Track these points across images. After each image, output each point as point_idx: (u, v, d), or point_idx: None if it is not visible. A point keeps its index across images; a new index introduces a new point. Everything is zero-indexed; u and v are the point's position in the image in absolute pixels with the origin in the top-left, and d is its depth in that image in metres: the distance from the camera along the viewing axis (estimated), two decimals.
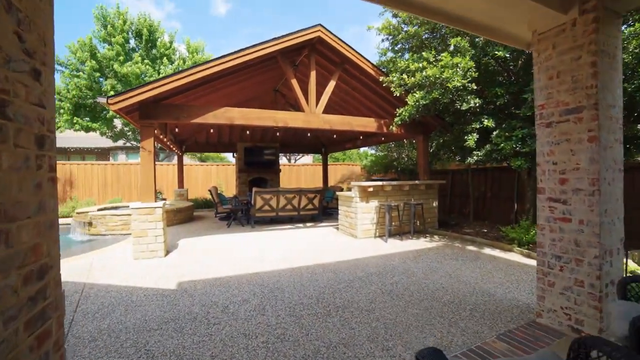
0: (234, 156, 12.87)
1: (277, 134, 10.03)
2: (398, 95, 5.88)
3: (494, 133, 5.04)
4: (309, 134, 10.12)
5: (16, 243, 1.02)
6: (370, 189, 6.45)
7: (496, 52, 4.60)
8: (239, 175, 11.90)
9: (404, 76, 5.39)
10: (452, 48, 5.24)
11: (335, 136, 10.03)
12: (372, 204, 6.62)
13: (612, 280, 2.43)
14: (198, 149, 12.09)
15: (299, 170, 16.23)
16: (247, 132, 9.70)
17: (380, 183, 6.59)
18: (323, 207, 9.20)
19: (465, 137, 5.46)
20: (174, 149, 10.35)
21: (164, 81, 4.95)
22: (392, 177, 11.59)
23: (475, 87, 4.89)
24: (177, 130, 6.97)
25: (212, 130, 7.30)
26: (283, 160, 25.84)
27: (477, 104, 5.07)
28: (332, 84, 6.47)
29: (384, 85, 6.22)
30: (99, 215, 7.07)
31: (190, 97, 6.33)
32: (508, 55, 4.72)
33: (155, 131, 6.07)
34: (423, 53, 5.51)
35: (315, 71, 6.35)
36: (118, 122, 12.85)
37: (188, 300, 3.40)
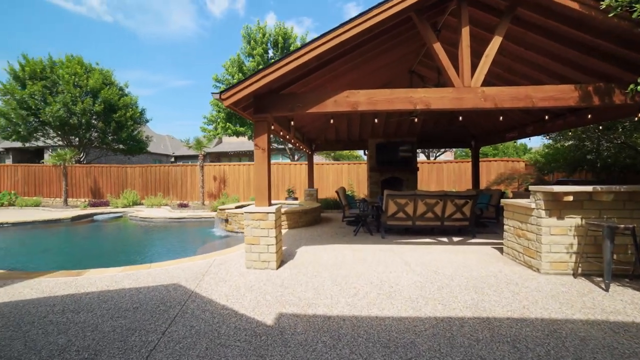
0: (365, 154, 11.92)
1: (415, 119, 8.19)
2: None
3: None
4: (460, 118, 7.87)
5: None
6: (569, 198, 3.99)
7: None
8: (370, 174, 10.81)
9: None
10: None
11: (502, 118, 7.17)
12: (570, 220, 4.12)
13: None
14: (327, 147, 11.73)
15: (439, 169, 13.81)
16: (377, 120, 8.41)
17: (587, 189, 4.00)
18: (476, 217, 6.93)
19: None
20: (303, 148, 10.23)
21: (276, 66, 4.24)
22: (588, 180, 7.89)
23: None
24: (292, 123, 6.43)
25: (332, 121, 6.42)
26: (420, 157, 23.39)
27: None
28: (496, 42, 4.37)
29: (610, 15, 3.62)
30: (232, 213, 7.38)
31: (308, 85, 5.57)
32: None
33: (272, 127, 5.62)
34: None
35: (469, 28, 4.41)
36: None
37: (279, 353, 2.41)
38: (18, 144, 18.97)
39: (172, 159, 31.42)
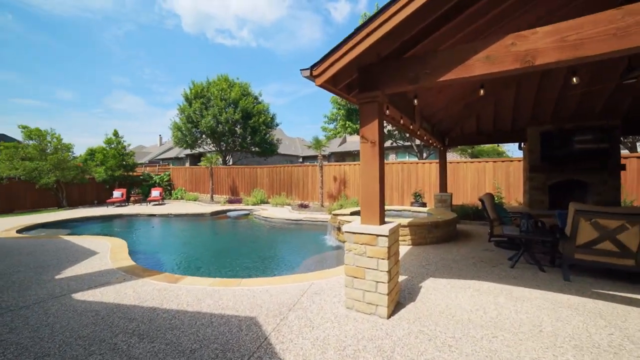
0: (520, 148, 8.78)
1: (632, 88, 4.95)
2: None
3: None
4: None
5: None
6: None
7: None
8: (531, 176, 7.75)
9: None
10: None
11: None
12: None
13: None
14: (465, 140, 9.17)
15: None
16: (553, 89, 5.62)
17: None
18: None
19: None
20: (433, 142, 8.20)
21: (387, 13, 2.76)
22: None
23: None
24: (415, 102, 4.59)
25: (482, 91, 4.30)
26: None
27: None
28: None
29: None
30: (344, 221, 6.25)
31: (440, 46, 3.76)
32: None
33: (387, 111, 4.10)
34: None
35: None
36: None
37: None
38: (188, 151, 23.87)
39: (300, 160, 33.70)
